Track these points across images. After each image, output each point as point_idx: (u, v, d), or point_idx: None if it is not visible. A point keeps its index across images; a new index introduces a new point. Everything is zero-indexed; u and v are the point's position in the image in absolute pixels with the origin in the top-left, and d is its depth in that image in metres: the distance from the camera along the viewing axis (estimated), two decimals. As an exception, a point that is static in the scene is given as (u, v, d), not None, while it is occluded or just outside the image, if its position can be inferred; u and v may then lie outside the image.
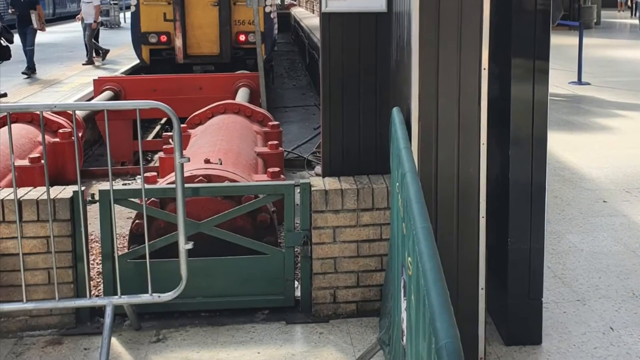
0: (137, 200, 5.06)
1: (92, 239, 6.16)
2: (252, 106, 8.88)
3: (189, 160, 4.75)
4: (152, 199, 5.17)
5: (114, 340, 4.70)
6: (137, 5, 15.24)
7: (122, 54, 21.11)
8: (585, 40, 14.99)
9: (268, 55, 15.76)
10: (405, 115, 4.40)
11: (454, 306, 2.35)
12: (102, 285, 5.22)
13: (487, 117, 4.27)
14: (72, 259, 4.90)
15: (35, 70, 17.76)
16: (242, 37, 15.22)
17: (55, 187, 5.05)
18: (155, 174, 6.14)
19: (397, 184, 3.89)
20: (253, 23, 12.71)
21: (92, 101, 11.91)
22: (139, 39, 15.39)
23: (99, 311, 4.99)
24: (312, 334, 4.85)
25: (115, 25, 36.62)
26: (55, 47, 24.72)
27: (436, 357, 2.11)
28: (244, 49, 15.27)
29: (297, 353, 4.62)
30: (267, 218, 5.38)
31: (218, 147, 6.71)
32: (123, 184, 8.63)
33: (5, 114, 4.95)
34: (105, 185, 5.89)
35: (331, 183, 5.06)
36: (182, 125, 5.93)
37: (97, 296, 5.27)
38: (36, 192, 4.95)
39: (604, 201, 7.23)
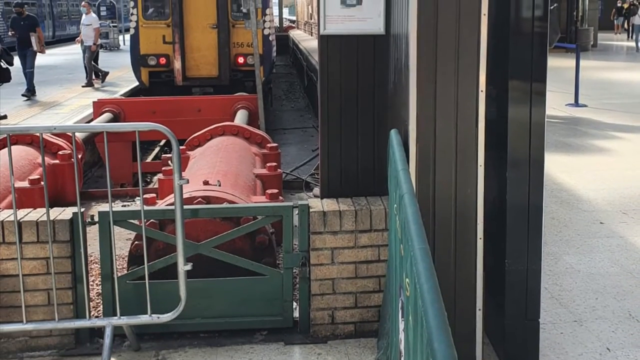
0: (136, 222, 5.08)
1: (91, 260, 6.18)
2: (250, 128, 8.93)
3: (188, 181, 4.78)
4: (152, 220, 5.19)
5: (113, 361, 4.71)
6: (137, 28, 15.34)
7: (122, 76, 21.21)
8: (582, 63, 15.08)
9: (267, 77, 15.85)
10: (403, 137, 4.44)
11: (452, 327, 2.37)
12: (101, 306, 5.24)
13: (484, 139, 4.31)
14: (72, 280, 4.91)
15: (35, 92, 17.82)
16: (240, 60, 15.30)
17: (55, 208, 5.08)
18: (154, 195, 6.17)
19: (395, 205, 3.92)
20: (252, 45, 12.79)
21: (92, 123, 11.96)
22: (138, 61, 15.47)
23: (99, 332, 5.00)
24: (310, 355, 4.85)
25: (114, 47, 36.76)
26: (55, 69, 24.81)
27: (433, 376, 2.13)
28: (242, 71, 15.35)
29: (295, 374, 4.64)
30: (266, 239, 5.40)
31: (217, 168, 6.75)
32: (122, 206, 8.65)
33: (5, 135, 4.98)
34: (104, 207, 5.92)
35: (329, 204, 5.08)
36: (181, 147, 5.96)
37: (96, 317, 5.29)
38: (36, 214, 4.97)
39: (601, 222, 7.26)
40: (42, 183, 5.86)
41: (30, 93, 17.55)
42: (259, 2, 12.84)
